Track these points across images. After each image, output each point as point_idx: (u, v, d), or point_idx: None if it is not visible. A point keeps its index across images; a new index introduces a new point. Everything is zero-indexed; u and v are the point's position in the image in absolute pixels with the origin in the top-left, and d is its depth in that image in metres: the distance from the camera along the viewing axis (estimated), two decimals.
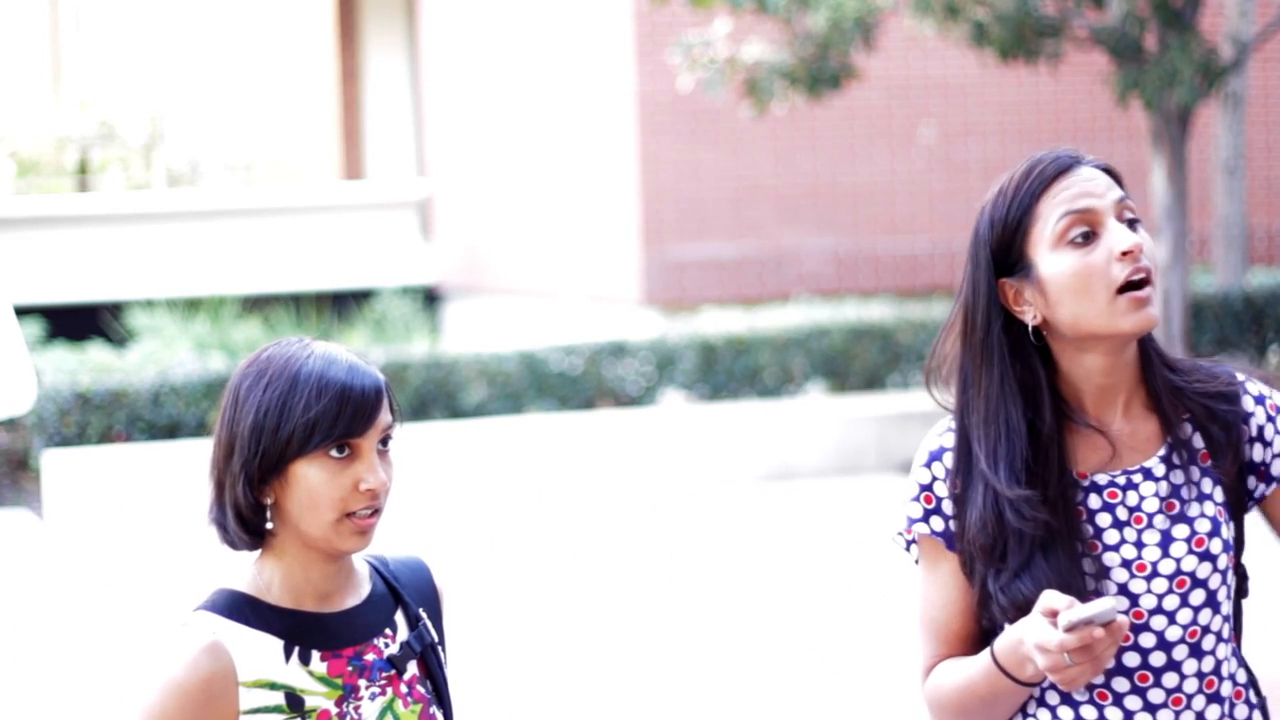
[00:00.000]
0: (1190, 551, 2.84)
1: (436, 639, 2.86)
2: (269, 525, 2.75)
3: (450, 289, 20.86)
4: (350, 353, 2.77)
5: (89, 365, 15.19)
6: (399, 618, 2.84)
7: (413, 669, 2.81)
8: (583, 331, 16.26)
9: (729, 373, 14.92)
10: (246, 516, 2.74)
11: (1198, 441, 2.86)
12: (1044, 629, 2.61)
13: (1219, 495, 2.88)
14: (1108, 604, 2.58)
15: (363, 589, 2.83)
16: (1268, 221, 18.66)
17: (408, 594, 2.86)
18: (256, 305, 19.82)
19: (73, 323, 19.72)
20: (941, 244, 17.86)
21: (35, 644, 9.72)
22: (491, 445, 13.57)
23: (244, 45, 24.18)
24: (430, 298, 21.01)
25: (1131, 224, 2.80)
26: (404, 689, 2.79)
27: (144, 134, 23.86)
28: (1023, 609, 2.75)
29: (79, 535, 12.77)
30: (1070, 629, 2.58)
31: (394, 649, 2.80)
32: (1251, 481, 2.90)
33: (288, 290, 20.38)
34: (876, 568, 10.82)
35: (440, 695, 2.84)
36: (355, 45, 23.31)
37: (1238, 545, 2.93)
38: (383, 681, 2.78)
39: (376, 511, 2.75)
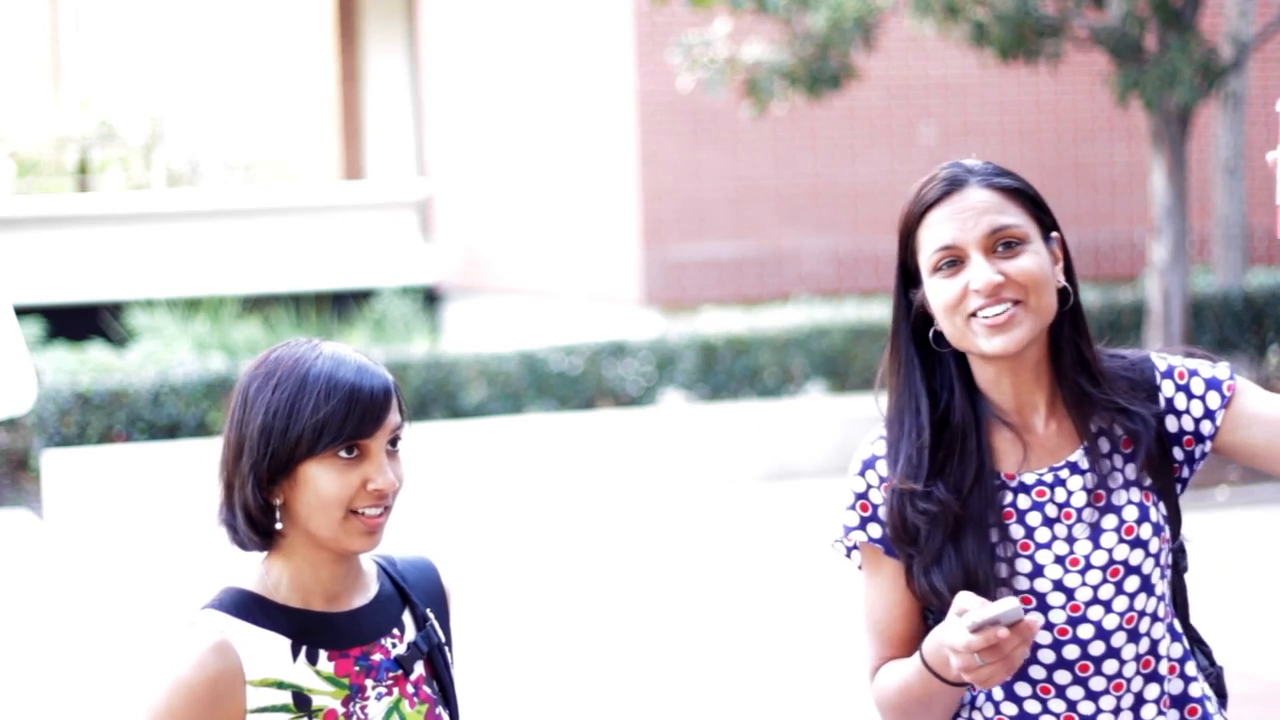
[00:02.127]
0: (1121, 540, 2.90)
1: (443, 639, 2.87)
2: (278, 525, 2.75)
3: (450, 289, 20.86)
4: (358, 353, 2.77)
5: (89, 365, 15.19)
6: (406, 618, 2.84)
7: (419, 669, 2.82)
8: (583, 331, 16.26)
9: (729, 373, 14.92)
10: (256, 517, 2.74)
11: (1118, 429, 2.92)
12: (955, 630, 2.69)
13: (1145, 479, 2.94)
14: (1011, 604, 2.64)
15: (371, 589, 2.83)
16: (1268, 221, 18.66)
17: (415, 594, 2.87)
18: (256, 305, 19.82)
19: (73, 323, 19.71)
20: None
21: (35, 644, 9.72)
22: (491, 445, 13.57)
23: (244, 45, 24.17)
24: (430, 298, 21.01)
25: (1009, 246, 2.88)
26: (410, 689, 2.80)
27: (144, 134, 23.86)
28: (942, 599, 2.85)
29: (79, 535, 12.77)
30: (976, 630, 2.65)
31: (401, 649, 2.80)
32: (1178, 454, 2.96)
33: (288, 290, 20.38)
34: None
35: (446, 696, 2.84)
36: (355, 45, 23.32)
37: (1172, 523, 2.98)
38: (389, 681, 2.78)
39: (386, 511, 2.76)
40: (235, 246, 20.58)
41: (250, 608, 2.75)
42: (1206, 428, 2.94)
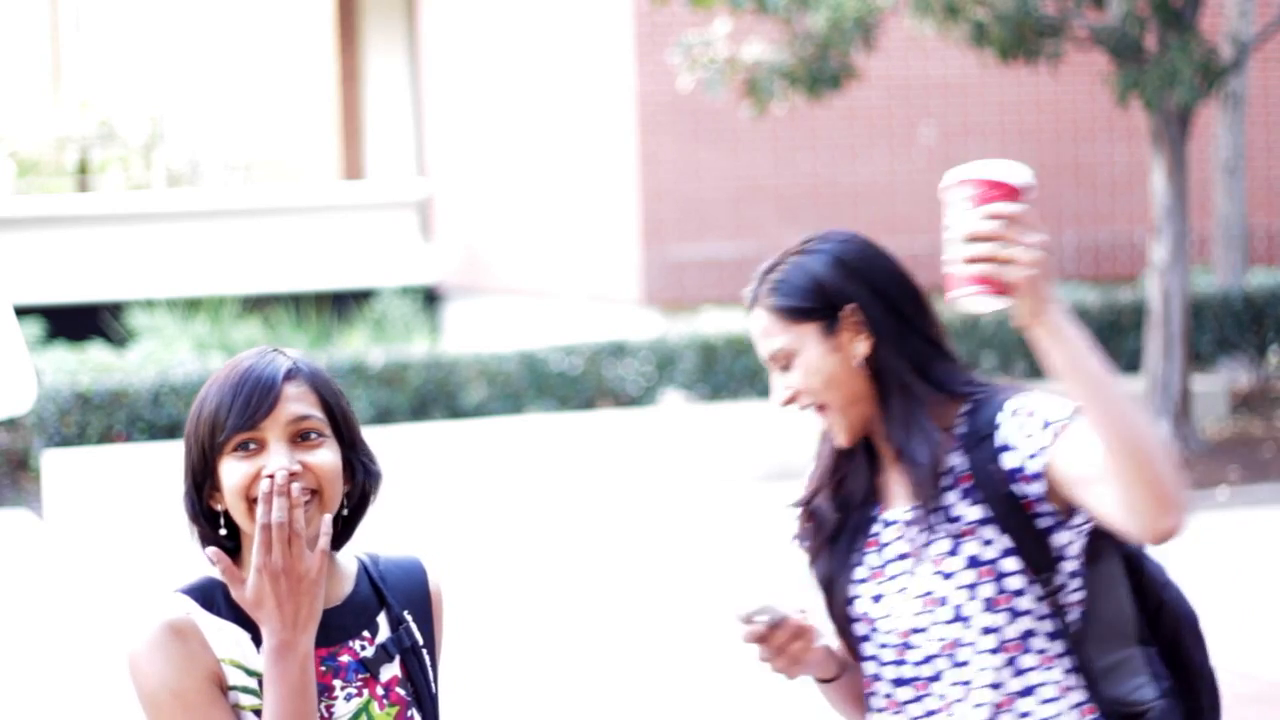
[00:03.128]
0: (936, 572, 3.06)
1: (421, 641, 2.83)
2: (222, 531, 2.74)
3: (450, 289, 20.86)
4: (278, 352, 2.75)
5: (89, 365, 15.19)
6: (382, 619, 2.81)
7: (392, 671, 2.78)
8: (583, 331, 16.26)
9: (729, 373, 14.92)
10: (201, 526, 2.75)
11: (961, 465, 3.07)
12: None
13: (978, 515, 3.05)
14: (769, 603, 3.03)
15: (343, 589, 2.80)
16: (1268, 221, 18.66)
17: (394, 595, 2.83)
18: (256, 305, 19.82)
19: (73, 323, 19.71)
20: (941, 244, 17.84)
21: (35, 644, 9.71)
22: (491, 445, 13.57)
23: (244, 45, 24.17)
24: (430, 298, 21.01)
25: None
26: (380, 691, 2.77)
27: (144, 134, 23.86)
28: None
29: (79, 535, 12.77)
30: (744, 620, 3.07)
31: (369, 652, 2.78)
32: (1021, 490, 3.03)
33: (288, 290, 20.37)
34: None
35: (420, 699, 2.80)
36: (355, 45, 23.31)
37: (1042, 560, 3.03)
38: (359, 683, 2.76)
39: (305, 503, 2.68)
40: (235, 246, 20.58)
41: (215, 598, 2.74)
42: (1035, 465, 3.00)
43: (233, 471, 2.68)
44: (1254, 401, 15.12)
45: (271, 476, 2.63)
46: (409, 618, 2.82)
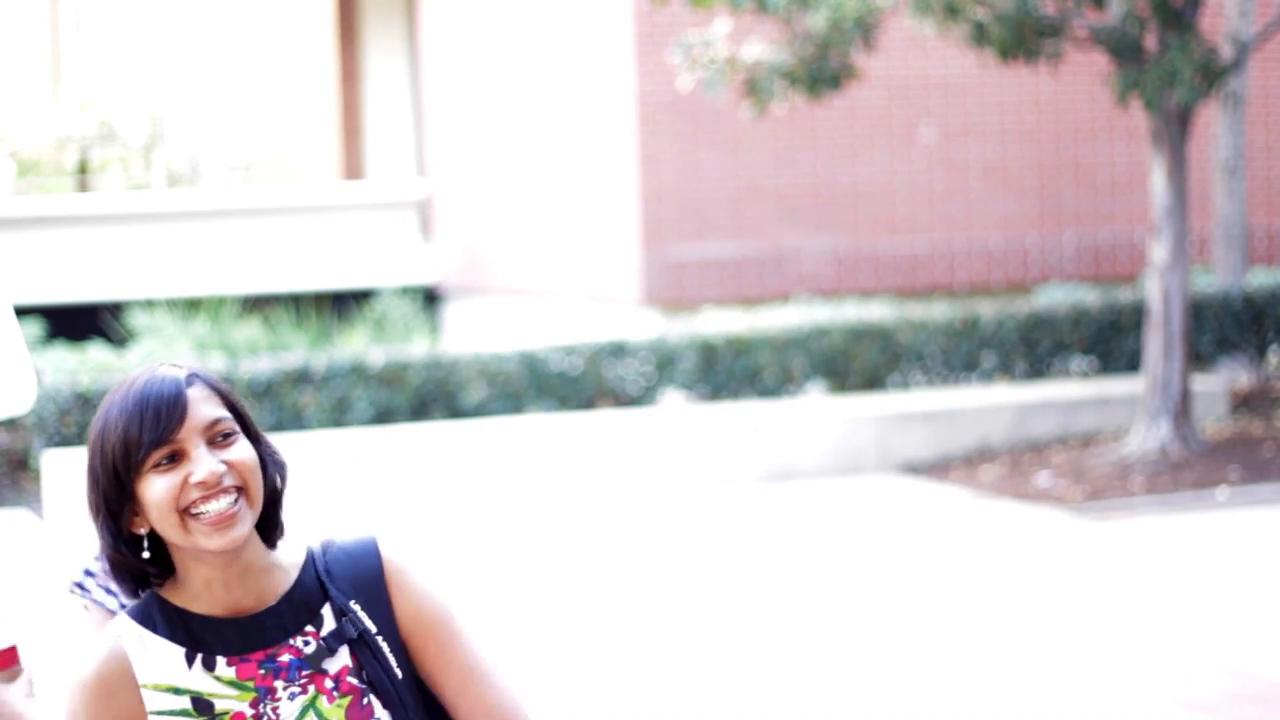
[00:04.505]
0: None
1: (375, 628, 2.80)
2: (146, 554, 2.77)
3: (450, 289, 20.86)
4: (166, 365, 2.79)
5: (89, 365, 15.19)
6: (326, 611, 2.80)
7: (342, 661, 2.78)
8: (583, 331, 16.26)
9: (729, 373, 14.92)
10: (124, 557, 2.79)
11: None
12: None
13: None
14: None
15: (281, 586, 2.80)
16: (1268, 221, 18.66)
17: (339, 585, 2.81)
18: (256, 305, 19.82)
19: (73, 323, 19.72)
20: (941, 244, 17.86)
21: (35, 643, 9.71)
22: (491, 445, 13.57)
23: (244, 45, 24.18)
24: (430, 298, 21.01)
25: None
26: (329, 684, 2.77)
27: (144, 134, 23.86)
28: None
29: (79, 535, 12.77)
30: None
31: (312, 647, 2.78)
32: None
33: (288, 290, 20.38)
34: (876, 567, 10.82)
35: (377, 686, 2.78)
36: (355, 45, 23.31)
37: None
38: (303, 680, 2.77)
39: (234, 501, 2.72)
40: (235, 246, 20.59)
41: (152, 614, 2.78)
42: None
43: (157, 487, 2.71)
44: (1254, 401, 15.12)
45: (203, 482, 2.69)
46: (356, 606, 2.80)
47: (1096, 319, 15.54)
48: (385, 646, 2.80)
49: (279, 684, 2.75)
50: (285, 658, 2.76)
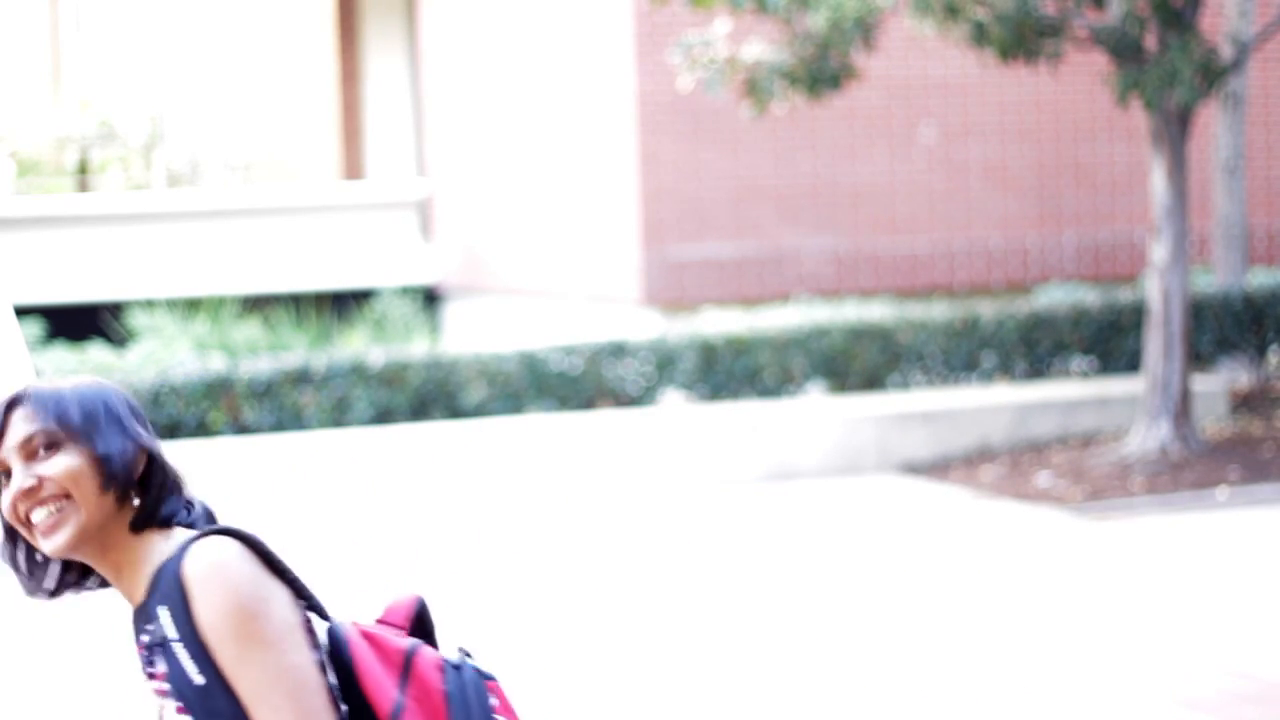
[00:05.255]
0: None
1: (174, 635, 2.81)
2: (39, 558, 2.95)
3: (450, 289, 20.86)
4: (20, 390, 2.93)
5: (89, 365, 15.19)
6: (161, 612, 2.87)
7: (160, 666, 2.84)
8: (583, 331, 16.26)
9: (729, 373, 14.92)
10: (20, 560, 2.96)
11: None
12: None
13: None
14: None
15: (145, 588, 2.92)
16: (1268, 221, 18.66)
17: (163, 588, 2.85)
18: (256, 305, 19.83)
19: (73, 323, 19.72)
20: (941, 244, 17.86)
21: (35, 644, 9.72)
22: (491, 445, 13.57)
23: (244, 45, 24.18)
24: (430, 298, 21.01)
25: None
26: (163, 685, 2.85)
27: (144, 134, 23.86)
28: None
29: None
30: None
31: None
32: None
33: (288, 290, 20.38)
34: (876, 567, 10.82)
35: (176, 690, 2.81)
36: (355, 45, 23.32)
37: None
38: (150, 677, 2.88)
39: (56, 510, 2.86)
40: (235, 246, 20.59)
41: None
42: None
43: (2, 502, 2.90)
44: (1254, 401, 15.12)
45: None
46: (164, 611, 2.83)
47: (1096, 319, 15.54)
48: (186, 653, 2.82)
49: (149, 680, 2.88)
50: (141, 655, 2.88)
